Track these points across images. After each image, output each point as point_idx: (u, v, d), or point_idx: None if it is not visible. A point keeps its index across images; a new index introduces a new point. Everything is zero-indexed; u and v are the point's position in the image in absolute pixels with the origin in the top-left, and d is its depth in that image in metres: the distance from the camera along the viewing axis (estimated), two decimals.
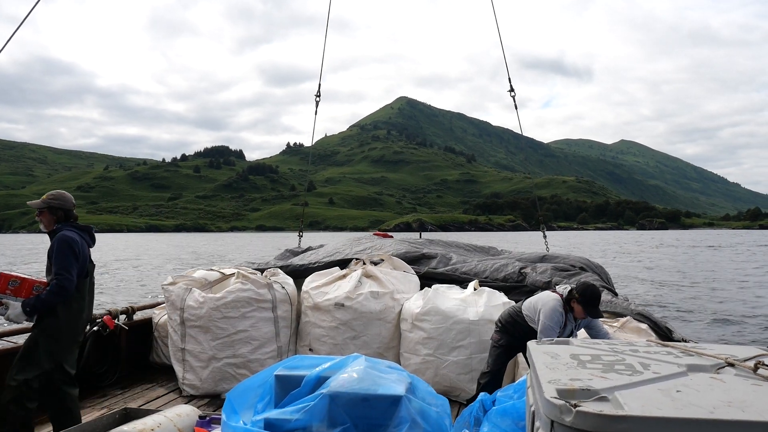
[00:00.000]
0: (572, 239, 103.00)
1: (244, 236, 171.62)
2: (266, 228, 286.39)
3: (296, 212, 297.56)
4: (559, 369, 1.94)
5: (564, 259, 6.72)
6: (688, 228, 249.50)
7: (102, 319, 6.14)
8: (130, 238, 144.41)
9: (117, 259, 47.48)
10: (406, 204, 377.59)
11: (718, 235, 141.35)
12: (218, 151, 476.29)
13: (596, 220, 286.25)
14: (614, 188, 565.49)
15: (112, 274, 32.81)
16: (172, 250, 68.37)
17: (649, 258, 45.36)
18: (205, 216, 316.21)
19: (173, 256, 52.19)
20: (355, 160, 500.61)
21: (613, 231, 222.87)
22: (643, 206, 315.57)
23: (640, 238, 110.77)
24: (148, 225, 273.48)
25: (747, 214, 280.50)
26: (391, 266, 6.81)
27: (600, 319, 5.30)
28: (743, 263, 39.27)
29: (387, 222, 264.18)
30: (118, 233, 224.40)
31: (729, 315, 16.58)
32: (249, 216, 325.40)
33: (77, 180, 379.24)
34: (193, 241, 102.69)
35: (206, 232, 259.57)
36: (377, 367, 3.27)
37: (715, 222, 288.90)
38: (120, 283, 27.93)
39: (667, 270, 33.36)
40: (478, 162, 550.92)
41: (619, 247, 68.66)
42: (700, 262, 39.79)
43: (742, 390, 1.73)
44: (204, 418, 3.83)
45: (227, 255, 51.93)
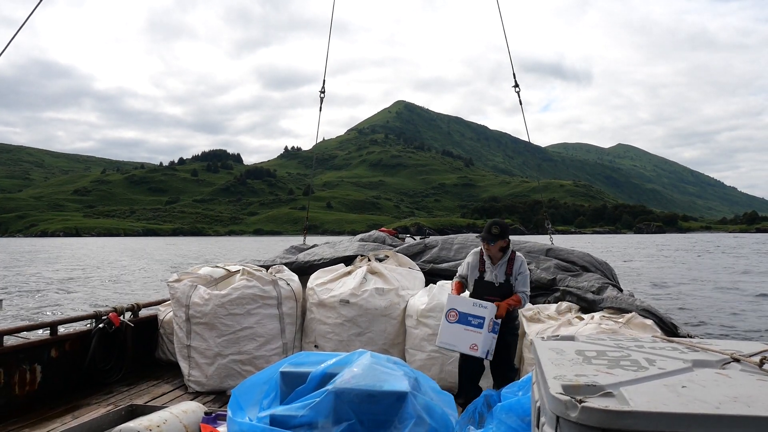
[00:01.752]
0: (570, 243, 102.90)
1: (242, 240, 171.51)
2: (264, 232, 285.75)
3: (294, 216, 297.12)
4: (565, 365, 1.94)
5: (568, 253, 6.75)
6: (686, 232, 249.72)
7: (108, 316, 6.16)
8: (127, 242, 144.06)
9: (118, 258, 47.36)
10: (404, 208, 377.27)
11: (716, 238, 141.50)
12: (216, 155, 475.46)
13: (594, 224, 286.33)
14: (612, 192, 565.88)
15: (116, 273, 32.75)
16: (172, 251, 68.29)
17: (653, 258, 45.31)
18: (203, 220, 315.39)
19: (176, 260, 52.06)
20: (352, 164, 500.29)
21: (611, 235, 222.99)
22: (640, 210, 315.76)
23: (640, 241, 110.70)
24: (145, 229, 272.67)
25: (744, 217, 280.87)
26: (395, 263, 6.83)
27: (605, 315, 5.33)
28: (744, 263, 39.29)
29: (385, 226, 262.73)
30: (115, 237, 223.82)
31: (734, 311, 16.61)
32: (247, 220, 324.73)
33: (74, 183, 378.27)
34: (191, 245, 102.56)
35: (204, 236, 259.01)
36: (382, 364, 3.29)
37: (713, 225, 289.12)
38: (125, 280, 27.88)
39: (672, 269, 33.41)
40: (476, 166, 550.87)
41: (621, 249, 68.68)
42: (703, 262, 39.79)
43: (748, 385, 1.73)
44: (210, 415, 3.85)
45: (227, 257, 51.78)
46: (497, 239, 5.06)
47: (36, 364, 5.34)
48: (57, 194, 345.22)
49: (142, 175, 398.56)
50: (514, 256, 5.16)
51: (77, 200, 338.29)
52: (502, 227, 5.12)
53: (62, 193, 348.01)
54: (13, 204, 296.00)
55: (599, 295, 5.69)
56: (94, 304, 18.68)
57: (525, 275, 5.15)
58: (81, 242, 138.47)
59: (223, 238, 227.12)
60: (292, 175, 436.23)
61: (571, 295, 5.90)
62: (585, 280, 6.09)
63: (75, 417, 4.93)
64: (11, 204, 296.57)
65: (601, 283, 5.97)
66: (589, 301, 5.68)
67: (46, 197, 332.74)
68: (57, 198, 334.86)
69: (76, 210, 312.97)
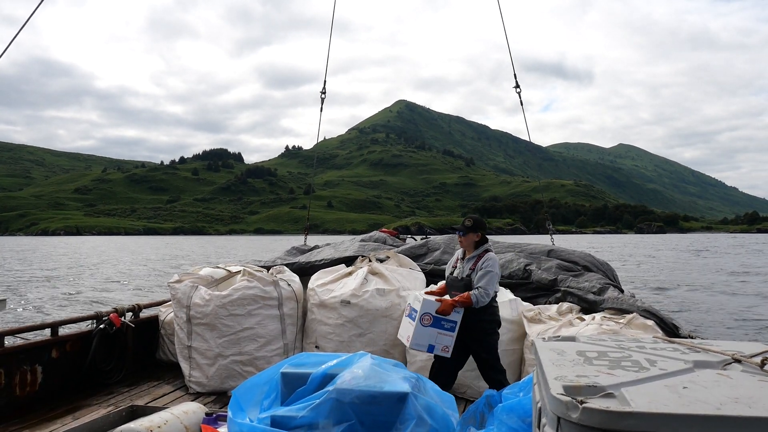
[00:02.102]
0: (571, 243, 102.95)
1: (243, 240, 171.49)
2: (265, 231, 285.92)
3: (295, 215, 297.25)
4: (566, 366, 1.94)
5: (570, 254, 6.75)
6: (687, 232, 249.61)
7: (109, 317, 6.16)
8: (127, 241, 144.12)
9: (120, 258, 47.40)
10: (404, 207, 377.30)
11: (717, 238, 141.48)
12: (217, 154, 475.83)
13: (595, 224, 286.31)
14: (613, 192, 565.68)
15: (116, 272, 32.77)
16: (173, 251, 68.38)
17: (654, 259, 45.31)
18: (204, 219, 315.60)
19: (176, 260, 52.11)
20: (353, 163, 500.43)
21: (612, 235, 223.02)
22: (641, 210, 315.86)
23: (640, 242, 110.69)
24: (146, 228, 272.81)
25: (744, 217, 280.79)
26: (396, 263, 6.82)
27: (606, 316, 5.33)
28: (746, 262, 39.27)
29: (386, 225, 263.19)
30: (116, 236, 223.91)
31: (736, 311, 16.60)
32: (247, 219, 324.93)
33: (75, 182, 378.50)
34: (191, 245, 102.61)
35: (204, 234, 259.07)
36: (383, 365, 3.29)
37: (713, 226, 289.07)
38: (126, 281, 27.91)
39: (672, 268, 33.42)
40: (477, 165, 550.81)
41: (624, 249, 68.67)
42: (704, 262, 39.78)
43: (749, 386, 1.73)
44: (210, 415, 3.86)
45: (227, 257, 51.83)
46: (468, 231, 5.02)
47: (37, 365, 5.34)
48: (58, 193, 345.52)
49: (142, 174, 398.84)
50: (484, 254, 5.01)
51: (78, 199, 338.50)
52: (475, 221, 5.08)
53: (63, 192, 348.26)
54: (14, 202, 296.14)
55: (600, 296, 5.69)
56: (96, 303, 18.70)
57: (490, 273, 4.87)
58: (81, 241, 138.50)
59: (223, 237, 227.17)
60: (292, 174, 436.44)
61: (572, 296, 5.91)
62: (586, 280, 6.09)
63: (76, 418, 4.94)
64: (12, 202, 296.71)
65: (602, 283, 5.96)
66: (590, 302, 5.69)
67: (46, 196, 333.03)
68: (58, 197, 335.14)
69: (77, 209, 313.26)
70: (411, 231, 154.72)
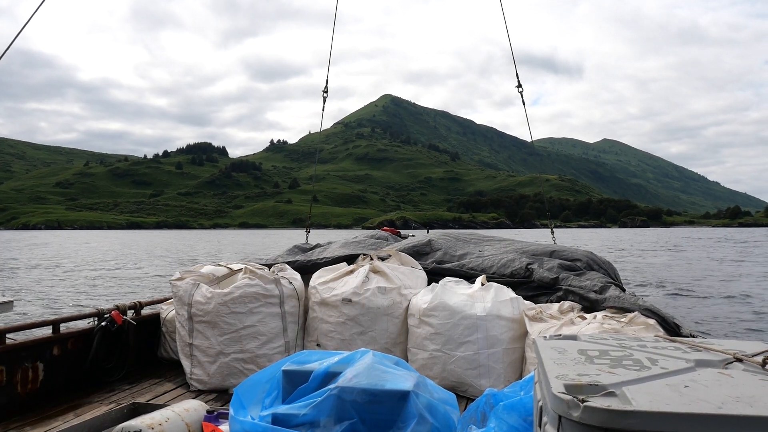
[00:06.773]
0: (566, 236, 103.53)
1: (228, 233, 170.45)
2: (249, 225, 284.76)
3: (280, 210, 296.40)
4: (567, 364, 1.93)
5: (572, 253, 6.79)
6: (669, 226, 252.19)
7: (110, 314, 6.13)
8: (110, 235, 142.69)
9: (121, 257, 46.98)
10: (390, 201, 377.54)
11: (699, 232, 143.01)
12: (201, 148, 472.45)
13: (579, 218, 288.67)
14: (597, 186, 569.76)
15: (118, 270, 32.52)
16: (172, 252, 67.83)
17: (654, 257, 45.61)
18: (188, 213, 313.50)
19: (178, 256, 51.75)
20: (339, 157, 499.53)
21: (596, 229, 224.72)
22: (625, 204, 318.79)
23: (629, 237, 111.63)
24: (129, 222, 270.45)
25: (727, 212, 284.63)
26: (398, 261, 6.84)
27: (607, 314, 5.39)
28: (746, 261, 39.57)
29: (371, 219, 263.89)
30: (98, 230, 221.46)
31: (737, 310, 16.69)
32: (232, 213, 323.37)
33: (56, 176, 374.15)
34: (184, 239, 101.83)
35: (188, 229, 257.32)
36: (384, 363, 3.30)
37: (696, 220, 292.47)
38: (127, 279, 27.71)
39: (669, 267, 33.69)
40: (462, 160, 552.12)
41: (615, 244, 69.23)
42: (704, 261, 40.08)
43: (751, 385, 1.72)
44: (212, 413, 3.86)
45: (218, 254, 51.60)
46: None
47: (38, 362, 5.31)
48: (39, 187, 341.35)
49: (126, 168, 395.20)
50: None
51: (59, 193, 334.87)
52: None
53: (44, 186, 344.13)
54: None
55: (601, 295, 5.72)
56: (97, 300, 18.57)
57: None
58: (65, 235, 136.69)
59: (207, 231, 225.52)
60: (277, 169, 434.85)
61: (573, 295, 5.94)
62: (587, 279, 6.13)
63: (77, 415, 4.92)
64: None
65: (604, 282, 6.00)
66: (592, 301, 5.72)
67: (27, 190, 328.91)
68: (39, 191, 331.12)
69: (58, 203, 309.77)
70: (396, 225, 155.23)
